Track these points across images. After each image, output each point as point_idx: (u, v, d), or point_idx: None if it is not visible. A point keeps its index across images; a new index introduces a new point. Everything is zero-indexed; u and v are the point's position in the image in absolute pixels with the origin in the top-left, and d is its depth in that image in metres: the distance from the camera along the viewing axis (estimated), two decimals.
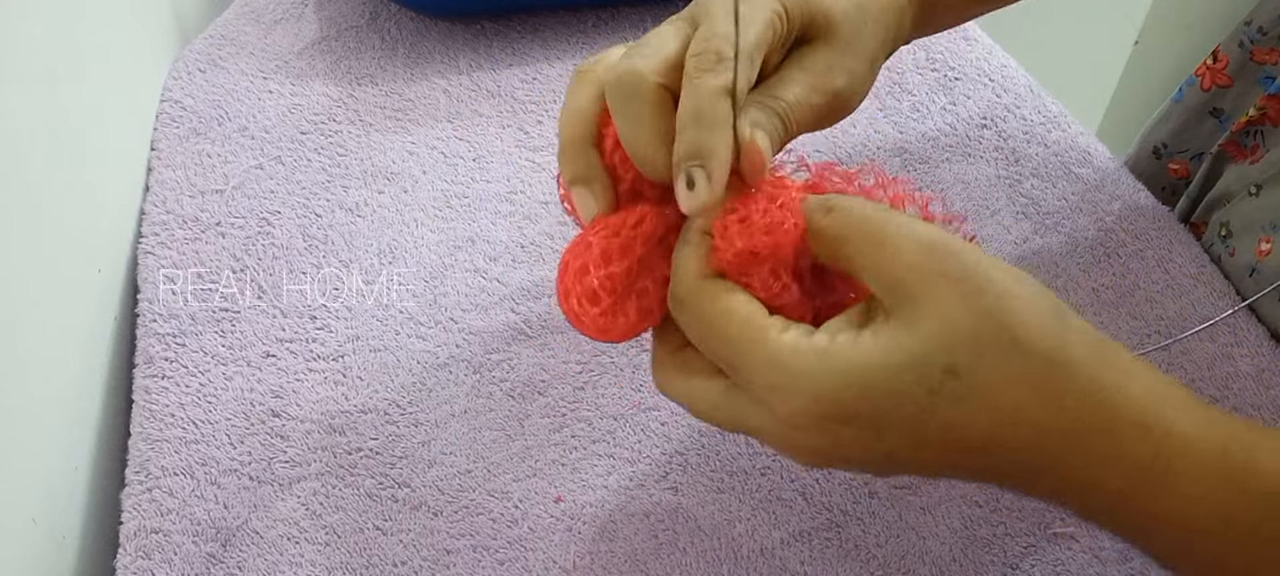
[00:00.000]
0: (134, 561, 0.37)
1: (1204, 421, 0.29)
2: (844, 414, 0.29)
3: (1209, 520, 0.29)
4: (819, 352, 0.29)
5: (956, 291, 0.28)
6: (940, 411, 0.28)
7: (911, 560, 0.38)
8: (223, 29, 0.60)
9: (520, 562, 0.38)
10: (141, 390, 0.42)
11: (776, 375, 0.29)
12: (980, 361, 0.28)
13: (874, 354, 0.28)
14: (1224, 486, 0.29)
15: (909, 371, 0.28)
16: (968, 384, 0.28)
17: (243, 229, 0.48)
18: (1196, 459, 0.29)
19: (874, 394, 0.28)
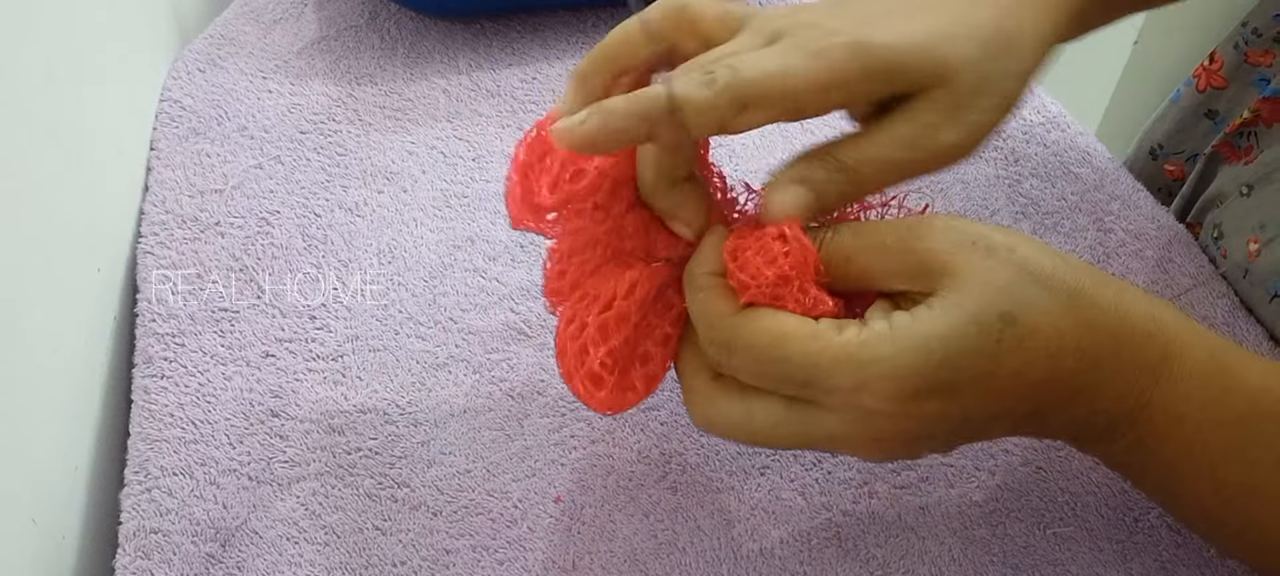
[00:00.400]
0: (133, 561, 0.37)
1: (1192, 329, 0.33)
2: (928, 385, 0.30)
3: (1203, 418, 0.32)
4: (887, 337, 0.30)
5: (978, 254, 0.31)
6: (1006, 359, 0.30)
7: (911, 560, 0.38)
8: (222, 29, 0.60)
9: (520, 562, 0.38)
10: (141, 390, 0.42)
11: (857, 372, 0.30)
12: (1025, 305, 0.30)
13: (939, 323, 0.30)
14: (1213, 387, 0.32)
15: (974, 327, 0.30)
16: (1023, 326, 0.30)
17: (242, 229, 0.48)
18: (1196, 359, 0.32)
19: (951, 357, 0.30)
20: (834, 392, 0.30)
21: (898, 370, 0.29)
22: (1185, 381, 0.32)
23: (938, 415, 0.31)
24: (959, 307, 0.30)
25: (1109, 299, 0.32)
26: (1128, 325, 0.32)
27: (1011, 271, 0.31)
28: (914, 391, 0.30)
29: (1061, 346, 0.31)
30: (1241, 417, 0.32)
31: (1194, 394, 0.32)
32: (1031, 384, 0.31)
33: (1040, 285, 0.31)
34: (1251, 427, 0.32)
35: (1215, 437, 0.32)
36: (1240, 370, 0.33)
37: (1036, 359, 0.31)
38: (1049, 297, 0.31)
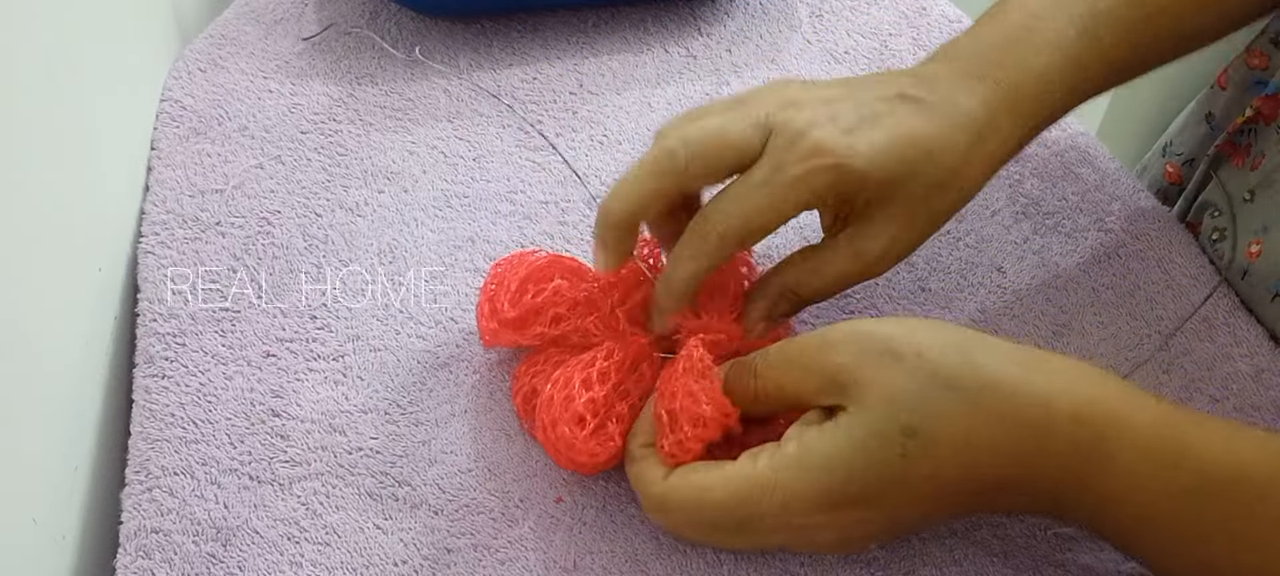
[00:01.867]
0: (134, 561, 0.37)
1: (1134, 405, 0.33)
2: (840, 500, 0.32)
3: (1151, 494, 0.32)
4: (795, 462, 0.33)
5: (883, 364, 0.32)
6: (914, 467, 0.32)
7: (911, 560, 0.38)
8: (222, 29, 0.60)
9: (520, 562, 0.38)
10: (141, 389, 0.42)
11: (774, 496, 0.33)
12: (928, 415, 0.32)
13: (841, 440, 0.32)
14: (1160, 463, 0.32)
15: (875, 442, 0.32)
16: (926, 435, 0.32)
17: (243, 228, 0.49)
18: (1136, 439, 0.32)
19: (856, 474, 0.32)
20: (764, 517, 0.33)
21: (808, 491, 0.32)
22: (1127, 461, 0.32)
23: (858, 521, 0.33)
24: (861, 426, 0.32)
25: (1029, 390, 0.32)
26: (1051, 413, 0.32)
27: (915, 380, 0.32)
28: (831, 506, 0.32)
29: (971, 444, 0.32)
30: (1190, 492, 0.32)
31: (1139, 471, 0.32)
32: (948, 483, 0.32)
33: (947, 389, 0.32)
34: (1201, 503, 0.32)
35: (1167, 513, 0.32)
36: (1189, 443, 0.32)
37: (946, 461, 0.32)
38: (955, 402, 0.32)
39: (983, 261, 0.49)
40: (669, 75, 0.58)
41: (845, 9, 0.63)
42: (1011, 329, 0.46)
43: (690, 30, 0.61)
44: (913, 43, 0.60)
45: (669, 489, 0.35)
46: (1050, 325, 0.46)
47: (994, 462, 0.32)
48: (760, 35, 0.61)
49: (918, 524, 0.35)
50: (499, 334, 0.41)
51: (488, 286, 0.41)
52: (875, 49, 0.60)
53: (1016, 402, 0.32)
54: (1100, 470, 0.32)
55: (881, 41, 0.60)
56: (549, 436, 0.38)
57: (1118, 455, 0.32)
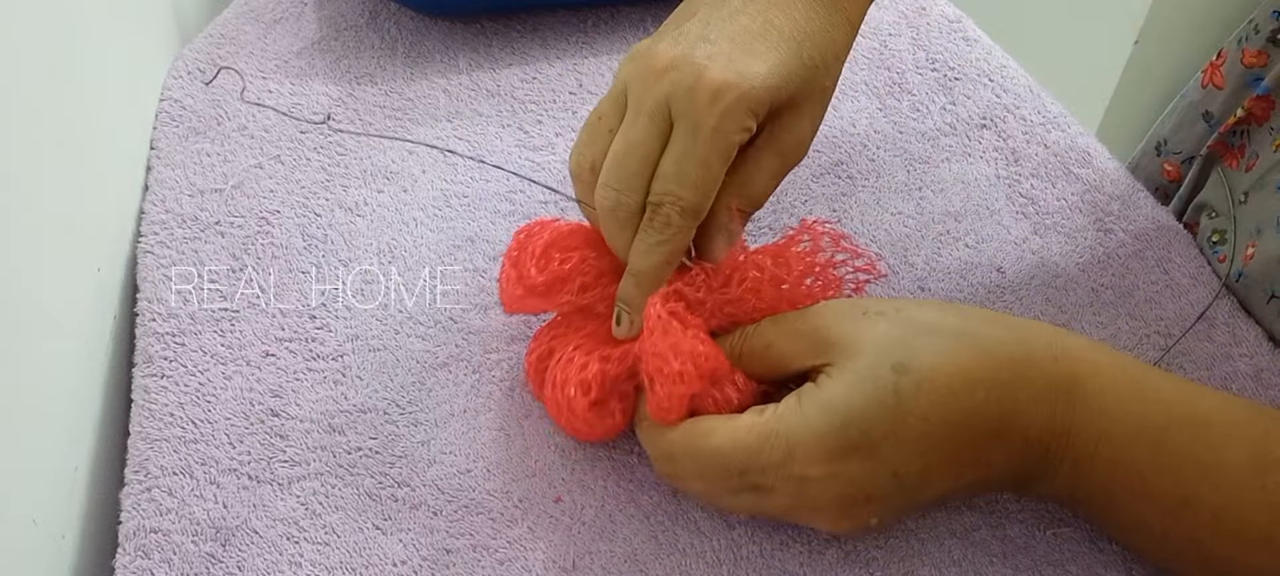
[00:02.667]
0: (133, 560, 0.37)
1: (1098, 347, 0.35)
2: (843, 444, 0.33)
3: (1125, 429, 0.33)
4: (794, 409, 0.34)
5: (866, 320, 0.35)
6: (910, 404, 0.33)
7: (911, 563, 0.38)
8: (222, 28, 0.60)
9: (520, 562, 0.38)
10: (141, 389, 0.42)
11: (779, 443, 0.33)
12: (914, 352, 0.33)
13: (836, 388, 0.33)
14: (1128, 399, 0.34)
15: (868, 383, 0.33)
16: (917, 371, 0.33)
17: (242, 228, 0.48)
18: (1105, 378, 0.34)
19: (855, 414, 0.33)
20: (767, 470, 0.34)
21: (810, 436, 0.33)
22: (1099, 397, 0.34)
23: (865, 474, 0.33)
24: (852, 370, 0.34)
25: (1003, 332, 0.35)
26: (1028, 350, 0.34)
27: (897, 327, 0.34)
28: (832, 451, 0.33)
29: (966, 381, 0.33)
30: (1160, 427, 0.33)
31: (1111, 408, 0.34)
32: (948, 426, 0.33)
33: (930, 332, 0.34)
34: (1171, 436, 0.33)
35: (1140, 451, 0.33)
36: (1155, 384, 0.35)
37: (942, 397, 0.33)
38: (939, 340, 0.34)
39: (983, 261, 0.49)
40: None
41: None
42: None
43: None
44: (912, 43, 0.60)
45: (674, 438, 0.36)
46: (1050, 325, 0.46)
47: (990, 398, 0.33)
48: None
49: (917, 481, 0.34)
50: (524, 300, 0.40)
51: (511, 252, 0.40)
52: (875, 49, 0.60)
53: (996, 340, 0.34)
54: (1080, 408, 0.34)
55: (881, 41, 0.60)
56: (554, 394, 0.38)
57: (1092, 393, 0.34)
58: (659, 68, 0.36)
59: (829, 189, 0.52)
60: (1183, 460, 0.33)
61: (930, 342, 0.34)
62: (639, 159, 0.36)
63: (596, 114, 0.38)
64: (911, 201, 0.52)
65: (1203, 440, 0.33)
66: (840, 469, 0.33)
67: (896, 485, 0.34)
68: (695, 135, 0.35)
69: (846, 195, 0.52)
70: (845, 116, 0.56)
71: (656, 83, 0.36)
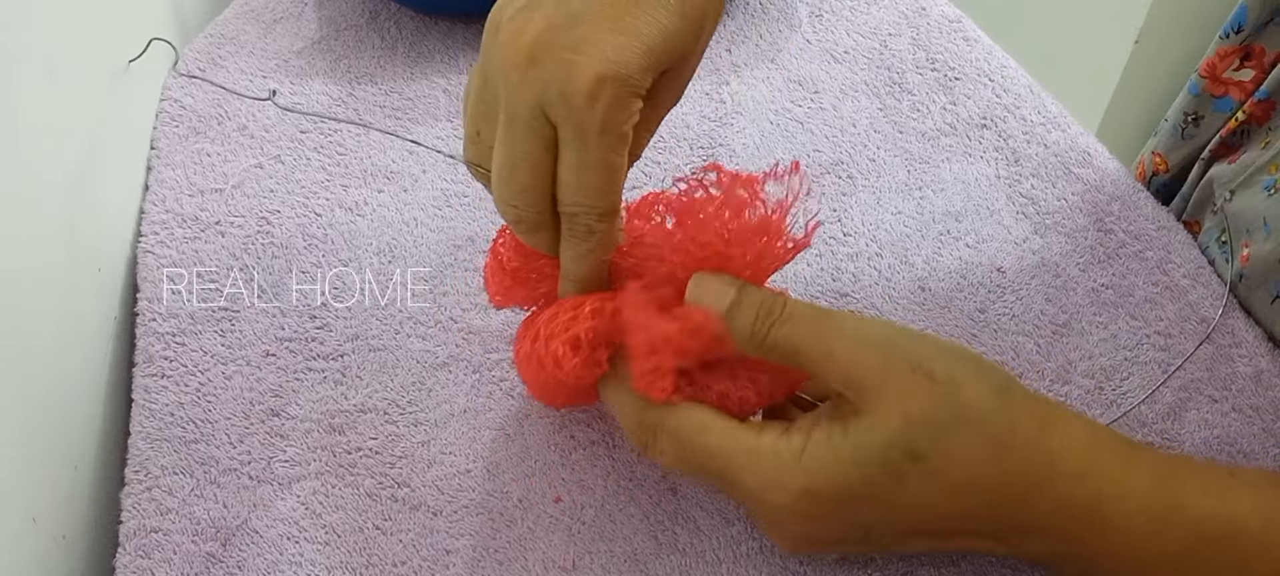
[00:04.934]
0: (134, 560, 0.37)
1: (1134, 463, 0.33)
2: (823, 507, 0.32)
3: (1147, 553, 0.32)
4: (797, 453, 0.32)
5: (911, 382, 0.31)
6: (908, 490, 0.31)
7: (911, 562, 0.38)
8: (222, 28, 0.60)
9: (520, 562, 0.38)
10: (141, 389, 0.42)
11: (762, 477, 0.32)
12: (938, 444, 0.31)
13: (845, 450, 0.31)
14: (1157, 520, 0.32)
15: (877, 463, 0.31)
16: (930, 465, 0.31)
17: (242, 228, 0.49)
18: (1130, 498, 0.32)
19: (850, 487, 0.31)
20: (741, 487, 0.33)
21: (801, 479, 0.32)
22: (1125, 523, 0.32)
23: (839, 524, 0.33)
24: (867, 442, 0.31)
25: (1043, 441, 0.32)
26: (1050, 468, 0.32)
27: (937, 408, 0.31)
28: (816, 501, 0.32)
29: (971, 484, 0.31)
30: (1185, 551, 0.32)
31: (1134, 530, 0.32)
32: (937, 515, 0.32)
33: (968, 428, 0.31)
34: (1196, 563, 0.32)
35: (1163, 566, 0.32)
36: (1184, 498, 0.32)
37: (940, 494, 0.31)
38: (971, 443, 0.31)
39: (982, 261, 0.49)
40: None
41: (845, 9, 0.63)
42: (1011, 329, 0.46)
43: None
44: (912, 43, 0.60)
45: (667, 411, 0.34)
46: (1050, 325, 0.46)
47: (989, 503, 0.32)
48: (760, 35, 0.61)
49: (889, 543, 0.34)
50: (508, 288, 0.38)
51: (497, 245, 0.38)
52: (875, 49, 0.60)
53: (1028, 458, 0.32)
54: (1098, 530, 0.32)
55: (881, 41, 0.60)
56: (538, 349, 0.35)
57: (1117, 520, 0.32)
58: (521, 60, 0.31)
59: (829, 189, 0.52)
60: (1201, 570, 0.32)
61: (960, 443, 0.31)
62: (527, 172, 0.32)
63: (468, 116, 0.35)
64: (912, 201, 0.52)
65: (1231, 556, 0.31)
66: (815, 513, 0.32)
67: (865, 539, 0.34)
68: (583, 141, 0.31)
69: (846, 195, 0.52)
70: (845, 116, 0.56)
71: (523, 82, 0.31)
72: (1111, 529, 0.32)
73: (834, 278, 0.48)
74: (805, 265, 0.48)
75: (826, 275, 0.48)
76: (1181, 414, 0.43)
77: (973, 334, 0.46)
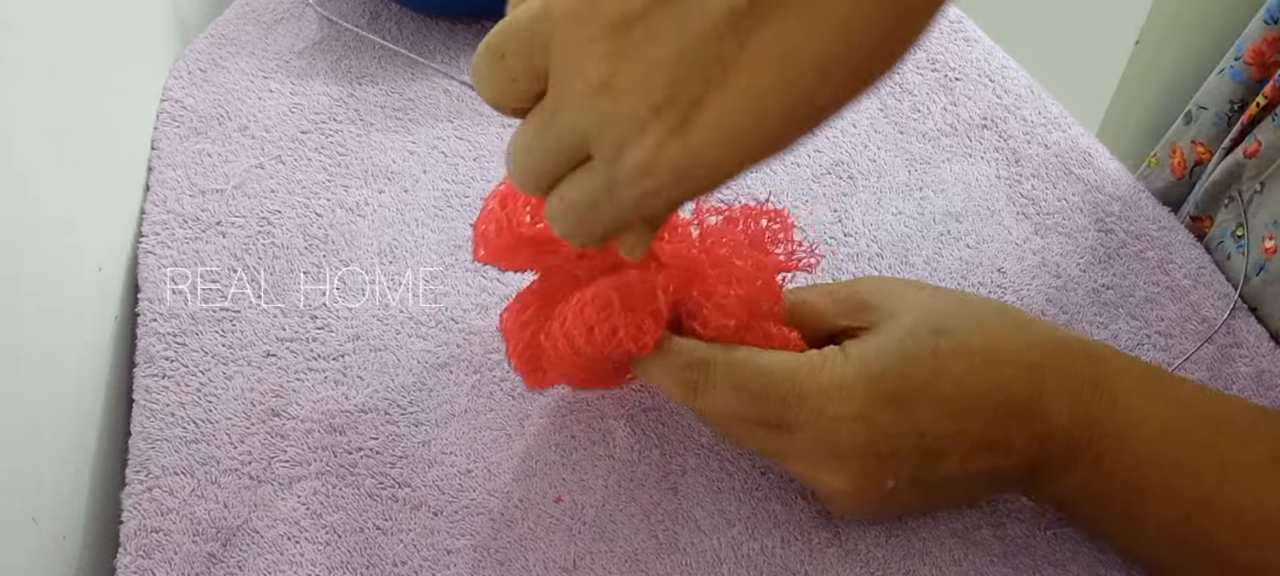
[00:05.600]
0: (134, 560, 0.37)
1: (1122, 353, 0.36)
2: (878, 393, 0.34)
3: (1151, 428, 0.34)
4: (840, 354, 0.35)
5: (909, 289, 0.37)
6: (947, 365, 0.34)
7: (911, 562, 0.38)
8: (223, 28, 0.60)
9: (520, 562, 0.38)
10: (142, 389, 0.42)
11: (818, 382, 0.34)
12: (954, 319, 0.35)
13: (879, 340, 0.35)
14: (1158, 398, 0.35)
15: (909, 339, 0.34)
16: (955, 336, 0.34)
17: (243, 228, 0.49)
18: (1133, 376, 0.35)
19: (895, 364, 0.34)
20: (802, 402, 0.34)
21: (851, 375, 0.34)
22: (1125, 395, 0.35)
23: (894, 426, 0.34)
24: (894, 327, 0.35)
25: (1037, 323, 0.36)
26: (1062, 338, 0.36)
27: (938, 298, 0.36)
28: (869, 397, 0.34)
29: (999, 353, 0.35)
30: (1184, 424, 0.34)
31: (1136, 405, 0.34)
32: (978, 394, 0.34)
33: (967, 306, 0.36)
34: (1195, 434, 0.34)
35: (1165, 447, 0.34)
36: (1178, 384, 0.36)
37: (975, 364, 0.34)
38: (977, 314, 0.36)
39: (983, 261, 0.49)
40: None
41: None
42: None
43: None
44: None
45: (713, 350, 0.35)
46: None
47: (1019, 375, 0.34)
48: None
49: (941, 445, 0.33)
50: (509, 252, 0.34)
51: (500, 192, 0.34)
52: None
53: (1031, 326, 0.36)
54: (1106, 402, 0.34)
55: None
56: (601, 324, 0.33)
57: (1119, 390, 0.35)
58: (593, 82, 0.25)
59: (829, 189, 0.52)
60: (1205, 457, 0.34)
61: (969, 314, 0.35)
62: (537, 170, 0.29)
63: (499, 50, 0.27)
64: (912, 201, 0.52)
65: (1225, 436, 0.34)
66: (872, 415, 0.33)
67: (921, 445, 0.34)
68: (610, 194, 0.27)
69: (847, 195, 0.52)
70: (846, 116, 0.56)
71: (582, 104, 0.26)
72: (1116, 407, 0.34)
73: (834, 278, 0.48)
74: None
75: (827, 275, 0.48)
76: None
77: None
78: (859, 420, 0.33)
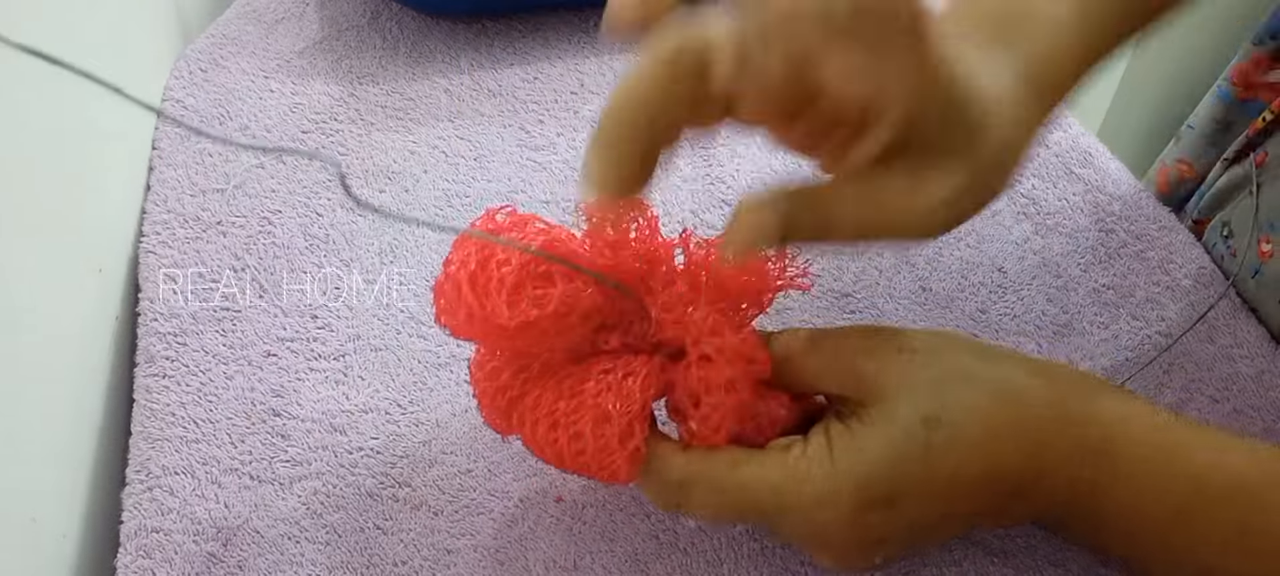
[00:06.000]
0: (134, 560, 0.37)
1: (1133, 411, 0.33)
2: (869, 498, 0.32)
3: (1150, 502, 0.32)
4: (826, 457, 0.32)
5: (902, 360, 0.32)
6: (940, 461, 0.31)
7: (911, 561, 0.38)
8: (224, 28, 0.60)
9: (520, 562, 0.38)
10: (142, 389, 0.42)
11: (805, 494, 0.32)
12: (948, 404, 0.32)
13: (867, 436, 0.32)
14: (1159, 473, 0.32)
15: (900, 438, 0.31)
16: (949, 428, 0.31)
17: (244, 228, 0.49)
18: (1137, 449, 0.32)
19: (885, 467, 0.31)
20: (791, 512, 0.32)
21: (839, 485, 0.31)
22: (1129, 467, 0.32)
23: (883, 523, 0.32)
24: (885, 419, 0.32)
25: (1040, 388, 0.33)
26: (1063, 409, 0.33)
27: (932, 371, 0.32)
28: (858, 505, 0.32)
29: (992, 436, 0.32)
30: (1190, 500, 0.32)
31: (1141, 482, 0.32)
32: (973, 481, 0.32)
33: (964, 381, 0.32)
34: (1200, 511, 0.32)
35: (1167, 523, 0.33)
36: (1186, 450, 0.33)
37: (971, 454, 0.32)
38: (973, 393, 0.32)
39: (983, 261, 0.49)
40: None
41: None
42: (1011, 328, 0.46)
43: None
44: None
45: (692, 464, 0.32)
46: (1050, 325, 0.46)
47: (1013, 455, 0.32)
48: None
49: (933, 530, 0.34)
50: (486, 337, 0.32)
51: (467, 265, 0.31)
52: None
53: (1031, 398, 0.32)
54: (1107, 477, 0.32)
55: None
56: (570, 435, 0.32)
57: (1122, 463, 0.32)
58: None
59: None
60: (1209, 532, 0.32)
61: (964, 394, 0.32)
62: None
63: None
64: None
65: (1231, 511, 0.32)
66: (860, 519, 0.32)
67: (910, 532, 0.33)
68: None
69: None
70: None
71: None
72: (1117, 477, 0.32)
73: (835, 277, 0.48)
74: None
75: (827, 275, 0.48)
76: (1183, 414, 0.43)
77: (974, 334, 0.46)
78: (847, 524, 0.32)
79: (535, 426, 0.33)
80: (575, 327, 0.32)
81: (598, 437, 0.31)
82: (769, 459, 0.32)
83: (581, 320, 0.32)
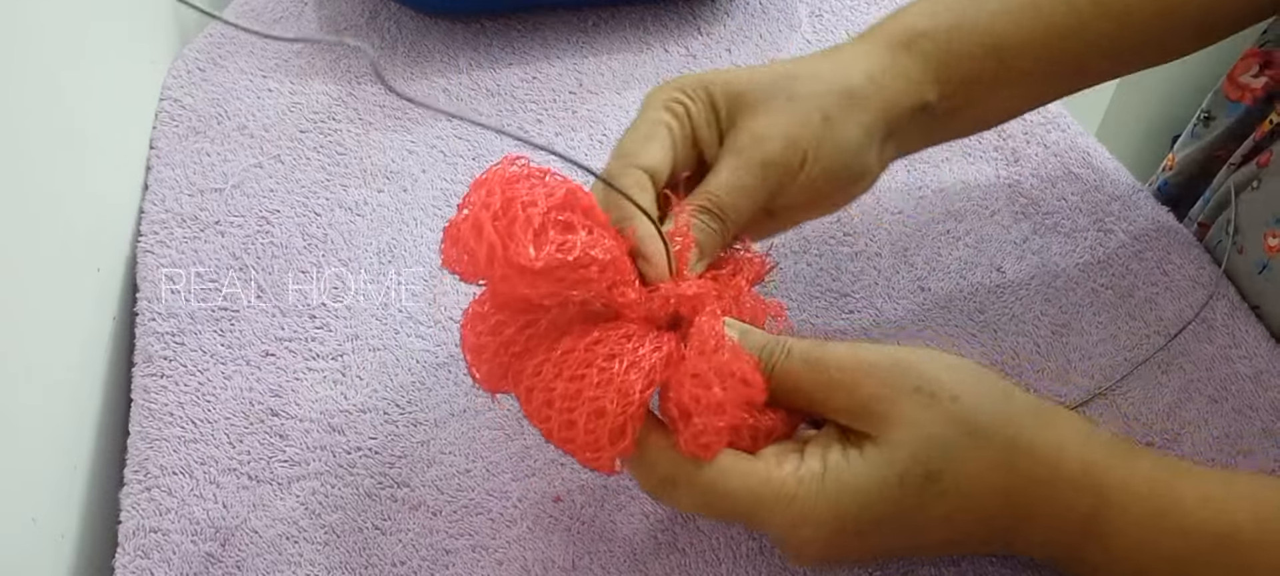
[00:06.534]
0: (133, 560, 0.37)
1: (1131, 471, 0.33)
2: (851, 529, 0.32)
3: (1144, 559, 0.33)
4: (818, 482, 0.32)
5: (915, 403, 0.32)
6: (930, 509, 0.32)
7: (911, 562, 0.38)
8: (223, 28, 0.59)
9: (519, 562, 0.38)
10: (140, 389, 0.42)
11: (792, 510, 0.32)
12: (952, 460, 0.32)
13: (865, 475, 0.32)
14: (1153, 531, 0.32)
15: (896, 486, 0.32)
16: (947, 482, 0.32)
17: (242, 228, 0.48)
18: (1127, 510, 0.33)
19: (874, 509, 0.32)
20: (771, 525, 0.33)
21: (825, 515, 0.32)
22: (1120, 524, 0.33)
23: (860, 547, 0.33)
24: (887, 464, 0.32)
25: (1045, 447, 0.33)
26: (1060, 475, 0.33)
27: (946, 427, 0.32)
28: (840, 531, 0.32)
29: (988, 491, 0.32)
30: (1181, 557, 0.32)
31: (1132, 542, 0.33)
32: (956, 529, 0.33)
33: (974, 437, 0.32)
34: (1188, 565, 0.32)
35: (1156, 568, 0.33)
36: (1178, 504, 0.33)
37: (961, 506, 0.32)
38: (980, 450, 0.32)
39: (983, 261, 0.49)
40: (669, 75, 0.58)
41: (845, 9, 0.63)
42: (1011, 329, 0.46)
43: (690, 30, 0.61)
44: None
45: (680, 468, 0.32)
46: (1050, 325, 0.46)
47: (1003, 509, 0.33)
48: (760, 35, 0.61)
49: (903, 555, 0.35)
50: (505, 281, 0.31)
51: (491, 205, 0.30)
52: None
53: (1034, 459, 0.33)
54: (1097, 537, 0.33)
55: None
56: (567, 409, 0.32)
57: (1115, 527, 0.33)
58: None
59: None
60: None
61: (971, 453, 0.32)
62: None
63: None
64: (911, 201, 0.52)
65: (1228, 560, 0.32)
66: (840, 543, 0.33)
67: (887, 554, 0.35)
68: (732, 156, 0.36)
69: None
70: None
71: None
72: (1109, 538, 0.33)
73: (834, 277, 0.48)
74: (806, 265, 0.48)
75: (827, 275, 0.48)
76: (1181, 414, 0.43)
77: (972, 334, 0.46)
78: (824, 543, 0.33)
79: (531, 393, 0.32)
80: (593, 280, 0.31)
81: (589, 432, 0.31)
82: (757, 471, 0.32)
83: (599, 272, 0.31)
